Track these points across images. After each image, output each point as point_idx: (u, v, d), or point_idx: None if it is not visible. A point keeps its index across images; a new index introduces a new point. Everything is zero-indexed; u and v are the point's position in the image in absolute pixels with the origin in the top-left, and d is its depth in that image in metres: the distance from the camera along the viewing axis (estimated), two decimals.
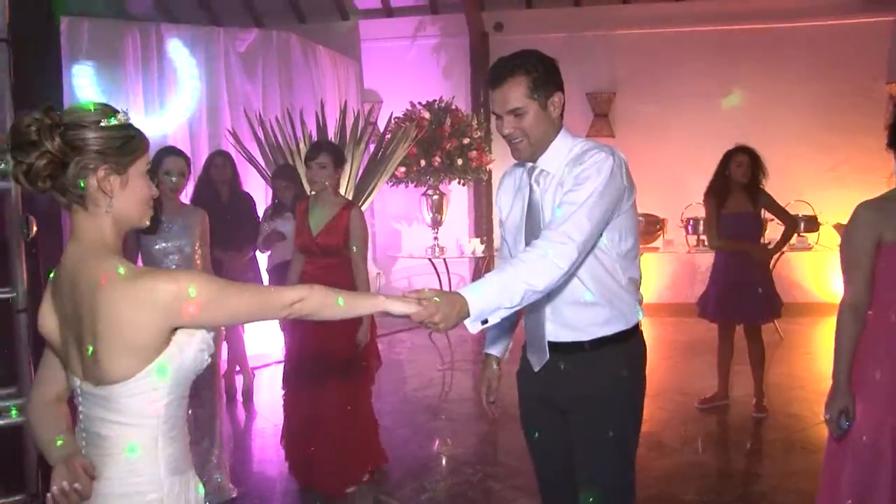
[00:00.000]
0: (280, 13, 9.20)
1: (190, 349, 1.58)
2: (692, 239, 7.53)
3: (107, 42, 6.59)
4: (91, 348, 1.53)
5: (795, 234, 7.44)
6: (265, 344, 6.48)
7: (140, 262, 3.79)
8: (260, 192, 6.57)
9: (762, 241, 5.80)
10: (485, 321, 2.00)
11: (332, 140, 6.47)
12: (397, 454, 4.42)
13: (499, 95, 2.22)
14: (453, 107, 8.10)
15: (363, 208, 7.19)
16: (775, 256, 6.37)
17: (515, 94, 2.20)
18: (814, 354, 6.86)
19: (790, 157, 8.27)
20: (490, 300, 1.98)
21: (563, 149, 2.26)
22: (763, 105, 8.47)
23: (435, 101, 8.13)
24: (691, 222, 7.42)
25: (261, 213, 5.64)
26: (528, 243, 2.22)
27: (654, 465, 4.24)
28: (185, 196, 4.06)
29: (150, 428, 1.58)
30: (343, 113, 6.83)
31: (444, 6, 9.15)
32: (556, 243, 2.04)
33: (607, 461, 2.29)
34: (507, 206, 2.42)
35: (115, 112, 1.56)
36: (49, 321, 1.64)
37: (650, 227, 7.80)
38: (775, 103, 8.47)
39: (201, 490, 1.73)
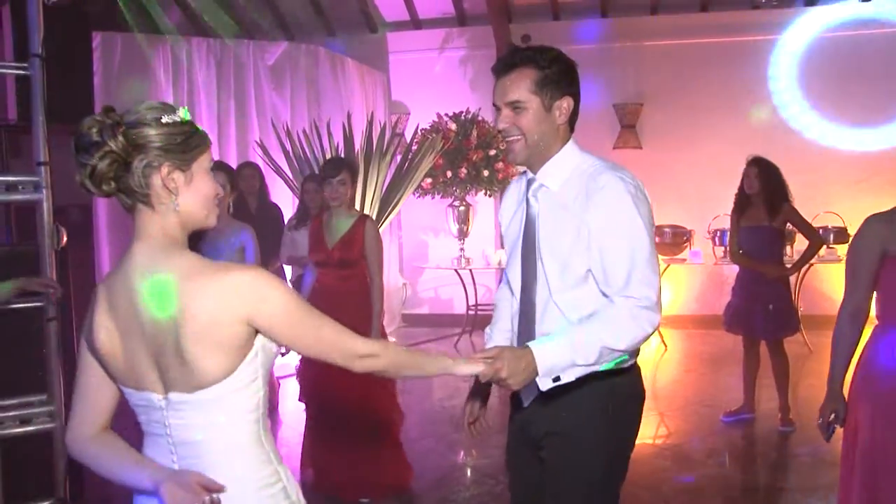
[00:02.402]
0: (309, 27, 9.32)
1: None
2: (719, 250, 7.47)
3: (139, 57, 6.73)
4: (182, 350, 1.48)
5: (825, 247, 7.35)
6: (290, 355, 6.52)
7: None
8: (287, 204, 6.65)
9: (785, 254, 5.73)
10: (557, 378, 1.89)
11: (358, 151, 6.54)
12: (421, 464, 4.43)
13: (500, 85, 2.04)
14: (480, 118, 8.12)
15: (389, 219, 7.27)
16: (802, 270, 6.30)
17: (517, 86, 2.00)
18: None
19: (819, 168, 8.18)
20: (561, 357, 1.87)
21: (567, 164, 2.06)
22: (791, 115, 8.38)
23: (461, 112, 8.17)
24: (718, 234, 7.36)
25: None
26: (524, 259, 2.09)
27: (678, 477, 4.22)
28: None
29: (251, 423, 1.56)
30: (370, 124, 6.89)
31: (472, 18, 9.19)
32: (637, 307, 1.90)
33: None
34: (507, 219, 2.23)
35: (174, 109, 1.54)
36: (105, 337, 1.54)
37: (677, 239, 7.75)
38: (805, 114, 8.38)
39: None
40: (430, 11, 9.28)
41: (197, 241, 3.73)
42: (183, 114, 1.54)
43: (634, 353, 2.10)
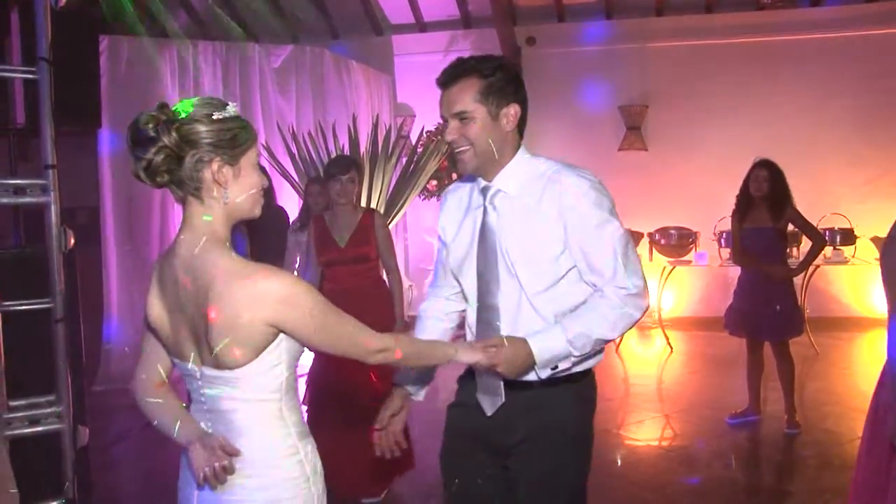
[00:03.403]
0: (315, 29, 9.35)
1: None
2: (725, 252, 7.46)
3: (145, 60, 6.76)
4: (210, 340, 1.59)
5: (831, 249, 7.34)
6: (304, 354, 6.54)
7: None
8: (293, 206, 6.67)
9: (789, 256, 5.73)
10: (555, 367, 1.97)
11: (364, 154, 6.55)
12: (423, 464, 4.43)
13: (446, 97, 2.03)
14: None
15: (395, 221, 7.28)
16: (808, 271, 6.30)
17: (462, 97, 1.99)
18: (850, 370, 6.75)
19: (826, 170, 8.18)
20: (557, 349, 1.94)
21: (522, 168, 2.07)
22: (798, 117, 8.36)
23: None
24: (724, 235, 7.34)
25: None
26: (479, 271, 2.08)
27: (682, 479, 4.21)
28: None
29: (274, 401, 1.66)
30: (375, 127, 6.91)
31: (477, 21, 9.21)
32: (626, 294, 1.98)
33: None
34: (452, 229, 2.19)
35: (224, 104, 1.61)
36: (156, 309, 1.69)
37: (682, 241, 7.74)
38: (810, 115, 8.37)
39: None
40: (435, 14, 9.30)
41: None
42: (232, 110, 1.62)
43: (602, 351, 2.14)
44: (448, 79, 2.02)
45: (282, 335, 1.61)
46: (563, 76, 8.97)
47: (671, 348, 7.45)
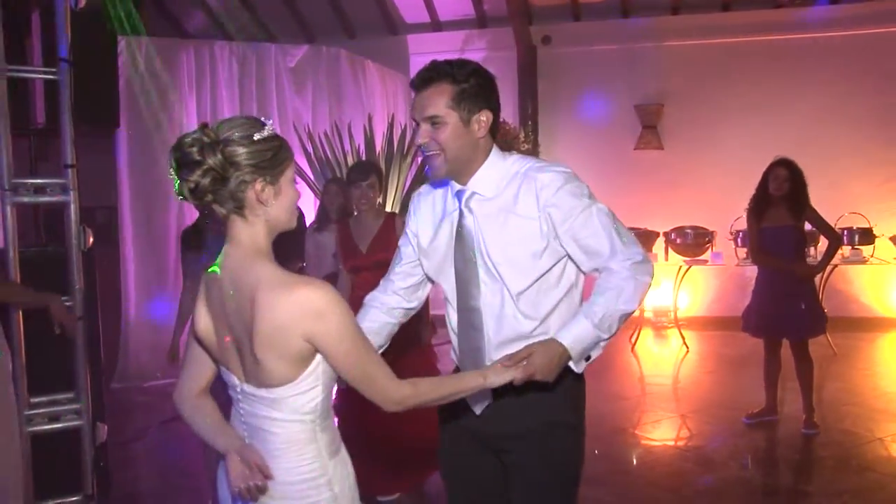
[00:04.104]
0: (331, 29, 9.38)
1: None
2: (742, 251, 7.42)
3: (163, 60, 6.82)
4: (254, 353, 1.62)
5: (849, 248, 7.29)
6: None
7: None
8: (309, 206, 6.70)
9: (808, 255, 5.70)
10: (588, 358, 2.00)
11: (379, 153, 6.56)
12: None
13: (418, 100, 2.03)
14: (500, 120, 8.12)
15: None
16: (826, 271, 6.27)
17: (435, 102, 1.99)
18: (869, 370, 6.70)
19: (844, 170, 8.11)
20: (587, 337, 1.95)
21: (496, 169, 2.07)
22: (816, 116, 8.30)
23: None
24: (740, 235, 7.30)
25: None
26: (458, 273, 2.09)
27: (699, 479, 4.19)
28: None
29: (307, 422, 1.68)
30: (391, 126, 6.92)
31: (492, 20, 9.20)
32: (632, 263, 1.97)
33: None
34: (427, 233, 2.19)
35: (262, 124, 1.64)
36: (203, 320, 1.73)
37: (699, 240, 7.70)
38: (829, 114, 8.30)
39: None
40: (451, 13, 9.30)
41: (198, 245, 3.76)
42: (269, 129, 1.65)
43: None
44: (421, 82, 2.03)
45: (319, 357, 1.64)
46: (578, 75, 8.96)
47: (687, 348, 7.41)
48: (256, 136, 1.61)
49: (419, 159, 7.28)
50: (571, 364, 1.96)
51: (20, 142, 3.11)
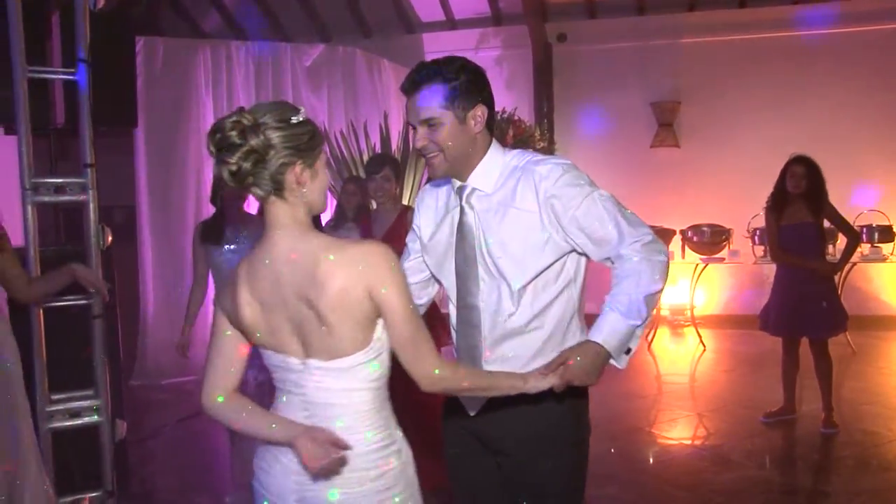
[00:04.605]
0: (346, 29, 9.41)
1: None
2: (759, 249, 7.37)
3: (180, 60, 6.87)
4: (325, 322, 1.62)
5: (869, 246, 7.24)
6: None
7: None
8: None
9: (828, 252, 5.66)
10: (628, 351, 1.96)
11: (396, 151, 6.57)
12: None
13: (412, 104, 2.00)
14: (516, 118, 8.11)
15: None
16: (845, 269, 6.22)
17: (429, 104, 1.97)
18: (889, 369, 6.64)
19: (864, 167, 8.04)
20: (621, 329, 1.92)
21: (496, 164, 2.05)
22: (835, 113, 8.23)
23: (498, 112, 8.17)
24: (758, 232, 7.25)
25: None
26: (458, 270, 2.08)
27: (716, 478, 4.17)
28: (250, 207, 4.19)
29: (375, 390, 1.70)
30: (406, 124, 6.93)
31: (508, 18, 9.19)
32: (642, 245, 1.93)
33: None
34: (429, 229, 2.19)
35: (297, 109, 1.66)
36: (249, 310, 1.70)
37: (716, 238, 7.66)
38: (848, 111, 8.23)
39: None
40: (466, 12, 9.30)
41: (218, 238, 3.79)
42: (303, 114, 1.67)
43: None
44: (411, 85, 1.99)
45: (381, 322, 1.66)
46: (594, 73, 8.93)
47: (704, 346, 7.38)
48: (293, 120, 1.63)
49: None
50: (613, 361, 1.94)
51: (40, 142, 3.14)
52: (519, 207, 1.99)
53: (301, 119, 1.65)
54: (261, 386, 3.67)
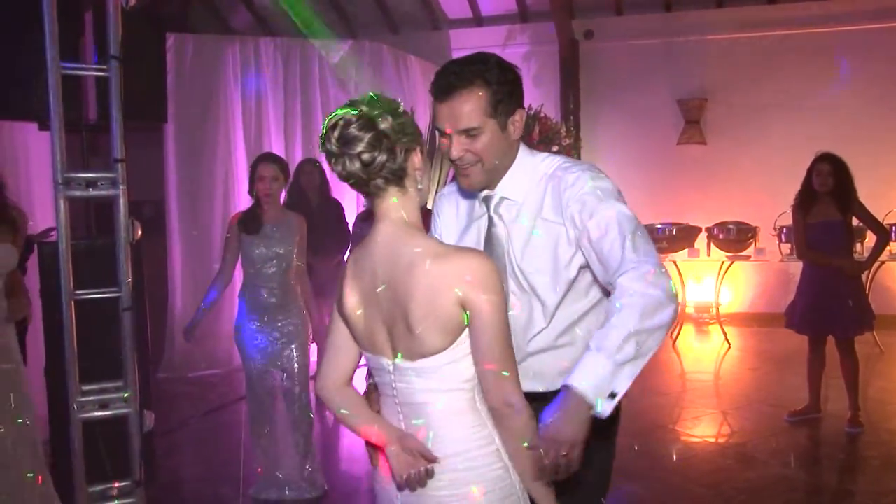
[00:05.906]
0: (373, 25, 9.45)
1: None
2: (785, 247, 7.31)
3: (210, 57, 6.95)
4: (410, 325, 1.58)
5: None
6: None
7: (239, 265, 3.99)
8: (350, 199, 6.76)
9: (856, 250, 5.60)
10: (613, 395, 1.61)
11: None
12: None
13: (447, 109, 1.81)
14: (542, 114, 8.10)
15: None
16: (872, 268, 6.15)
17: (470, 111, 1.78)
18: None
19: (891, 164, 7.93)
20: (600, 369, 1.60)
21: (525, 171, 1.91)
22: (864, 110, 8.13)
23: (524, 108, 8.16)
24: (784, 230, 7.19)
25: (350, 220, 5.80)
26: None
27: (740, 476, 4.16)
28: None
29: (467, 390, 1.63)
30: (433, 120, 6.95)
31: (534, 14, 9.18)
32: (644, 272, 1.68)
33: None
34: (451, 240, 2.03)
35: (396, 100, 1.65)
36: (351, 301, 1.69)
37: (742, 236, 7.60)
38: (877, 108, 8.13)
39: None
40: (493, 8, 9.31)
41: (256, 231, 3.83)
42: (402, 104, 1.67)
43: None
44: (448, 88, 1.80)
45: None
46: (620, 70, 8.89)
47: (729, 344, 7.34)
48: (401, 108, 1.63)
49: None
50: (599, 411, 1.60)
51: (73, 137, 3.19)
52: (546, 218, 1.87)
53: (403, 108, 1.64)
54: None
